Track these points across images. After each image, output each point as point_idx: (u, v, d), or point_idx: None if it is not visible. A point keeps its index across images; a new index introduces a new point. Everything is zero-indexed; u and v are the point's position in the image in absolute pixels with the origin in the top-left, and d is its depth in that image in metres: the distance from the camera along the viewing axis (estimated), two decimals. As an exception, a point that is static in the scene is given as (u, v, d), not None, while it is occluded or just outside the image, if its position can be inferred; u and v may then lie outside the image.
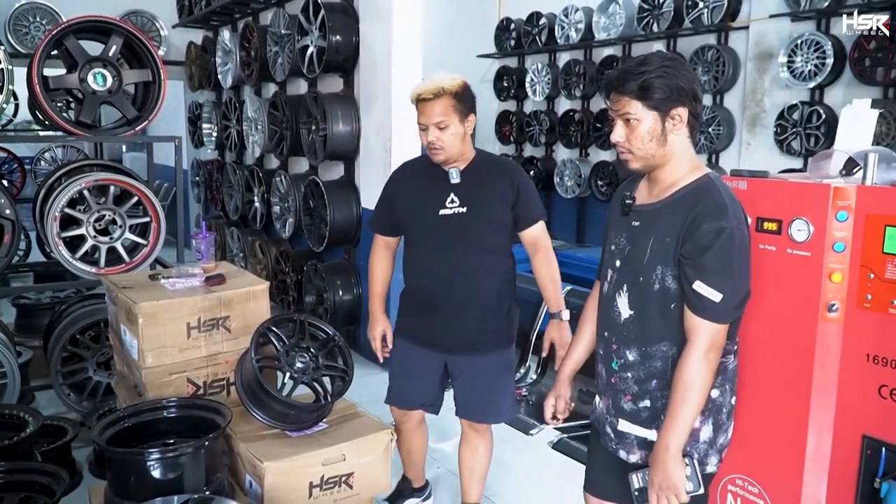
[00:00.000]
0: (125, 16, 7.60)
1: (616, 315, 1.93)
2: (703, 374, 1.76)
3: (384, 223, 2.78)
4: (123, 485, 2.28)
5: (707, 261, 1.72)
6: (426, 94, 2.46)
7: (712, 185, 1.81)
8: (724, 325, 1.76)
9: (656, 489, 1.82)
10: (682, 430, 1.79)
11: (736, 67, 6.82)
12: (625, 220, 1.92)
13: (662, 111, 1.76)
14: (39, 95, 3.48)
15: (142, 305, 2.62)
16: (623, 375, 1.93)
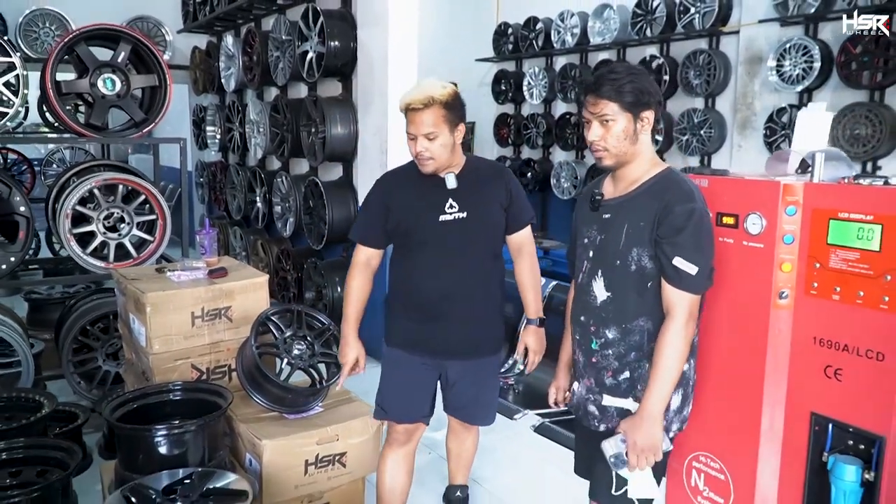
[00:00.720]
0: (132, 21, 7.80)
1: (592, 299, 2.11)
2: (684, 343, 1.97)
3: (374, 233, 2.61)
4: (132, 460, 2.46)
5: (683, 238, 1.93)
6: (415, 103, 2.39)
7: (677, 176, 2.05)
8: (699, 295, 1.99)
9: (637, 450, 1.99)
10: (665, 395, 1.99)
11: (727, 71, 6.95)
12: (595, 215, 2.12)
13: (635, 113, 1.98)
14: (53, 99, 3.67)
15: (149, 295, 2.80)
16: (604, 353, 2.11)
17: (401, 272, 2.64)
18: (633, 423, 2.01)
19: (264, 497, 2.61)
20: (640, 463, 2.00)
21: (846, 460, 2.03)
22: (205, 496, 2.24)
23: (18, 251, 3.62)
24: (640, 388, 2.07)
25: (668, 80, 7.17)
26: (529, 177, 8.80)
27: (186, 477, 2.33)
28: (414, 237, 2.55)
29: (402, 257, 2.63)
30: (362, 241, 2.64)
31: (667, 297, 2.00)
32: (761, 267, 2.16)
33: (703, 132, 7.05)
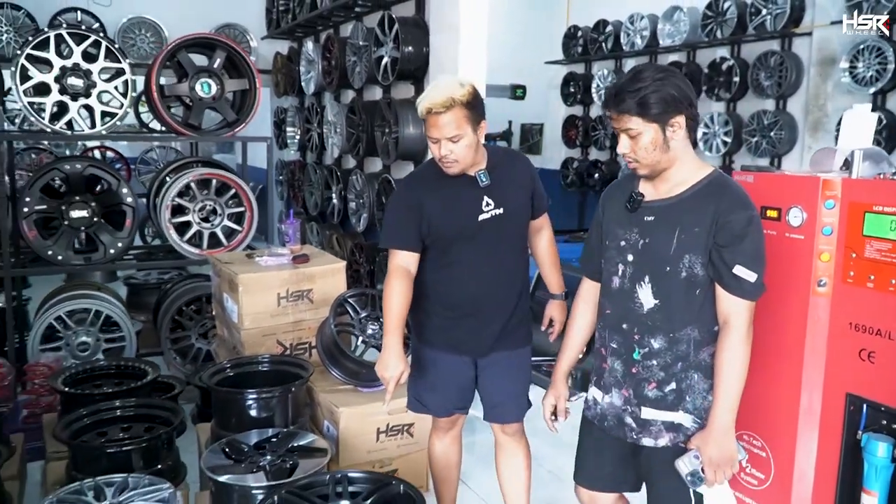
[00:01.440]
0: (220, 28, 8.29)
1: (637, 306, 2.00)
2: (746, 351, 1.92)
3: (409, 236, 2.47)
4: (226, 421, 2.79)
5: (744, 246, 1.87)
6: (437, 107, 2.28)
7: (727, 180, 1.98)
8: (755, 302, 1.93)
9: (714, 466, 1.92)
10: (734, 406, 1.94)
11: (799, 73, 6.90)
12: (634, 216, 2.01)
13: (661, 122, 1.87)
14: (157, 101, 4.07)
15: (242, 277, 3.13)
16: (647, 364, 2.00)
17: (435, 272, 2.54)
18: (706, 439, 1.95)
19: (340, 460, 2.90)
20: (718, 477, 1.94)
21: (878, 438, 2.17)
22: (290, 451, 2.53)
23: (125, 237, 4.03)
24: (690, 400, 2.00)
25: (738, 82, 7.20)
26: (597, 177, 8.92)
27: (274, 435, 2.63)
28: (451, 238, 2.48)
29: (440, 259, 2.52)
30: (400, 246, 2.47)
31: (725, 306, 1.93)
32: (802, 257, 2.31)
33: (773, 134, 7.02)
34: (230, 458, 2.49)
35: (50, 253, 3.91)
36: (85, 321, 4.06)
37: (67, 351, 3.99)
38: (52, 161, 4.49)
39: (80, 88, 3.86)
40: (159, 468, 2.59)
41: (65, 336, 4.01)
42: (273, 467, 2.40)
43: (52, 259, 3.92)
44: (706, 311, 1.96)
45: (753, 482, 2.54)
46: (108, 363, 3.38)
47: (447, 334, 2.56)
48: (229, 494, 2.33)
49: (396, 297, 2.41)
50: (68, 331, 4.02)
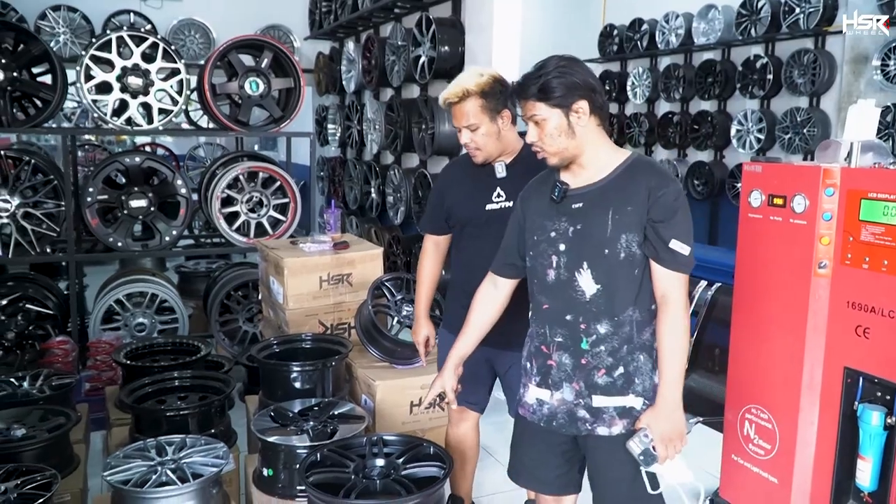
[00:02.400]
0: (264, 30, 8.62)
1: (579, 294, 1.98)
2: (686, 324, 1.93)
3: (433, 221, 2.70)
4: (273, 391, 3.04)
5: (678, 219, 1.89)
6: (451, 97, 2.41)
7: (648, 158, 2.05)
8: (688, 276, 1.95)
9: (665, 440, 1.92)
10: (679, 380, 1.94)
11: (832, 70, 6.94)
12: (560, 206, 2.00)
13: (565, 107, 1.90)
14: (209, 99, 4.36)
15: (287, 261, 3.39)
16: (595, 351, 1.98)
17: (456, 259, 2.69)
18: (655, 415, 1.94)
19: (376, 429, 3.13)
20: (670, 452, 1.94)
21: (872, 408, 2.34)
22: (330, 418, 2.77)
23: (179, 226, 4.33)
24: (639, 382, 1.99)
25: (771, 80, 7.27)
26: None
27: (316, 404, 2.87)
28: (464, 225, 2.59)
29: (457, 244, 2.67)
30: (424, 228, 2.75)
31: (663, 281, 1.93)
32: (805, 241, 2.49)
33: (806, 131, 7.08)
34: (276, 422, 2.74)
35: (111, 240, 4.23)
36: (142, 304, 4.38)
37: (126, 331, 4.30)
38: (113, 154, 4.82)
39: (139, 87, 4.17)
40: (213, 432, 2.86)
41: (123, 317, 4.34)
42: (315, 431, 2.64)
43: (113, 245, 4.24)
44: (645, 291, 1.96)
45: (761, 452, 2.71)
46: (164, 340, 3.67)
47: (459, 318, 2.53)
48: (276, 452, 2.58)
49: (424, 273, 2.72)
50: (126, 312, 4.34)
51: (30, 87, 4.15)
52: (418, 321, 2.77)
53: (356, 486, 2.18)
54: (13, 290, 4.30)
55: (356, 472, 2.26)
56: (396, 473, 2.27)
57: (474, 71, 2.46)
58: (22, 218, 4.05)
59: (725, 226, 8.14)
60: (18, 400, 3.05)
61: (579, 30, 10.01)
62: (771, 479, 2.68)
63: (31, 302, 4.24)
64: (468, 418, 2.83)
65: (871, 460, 2.36)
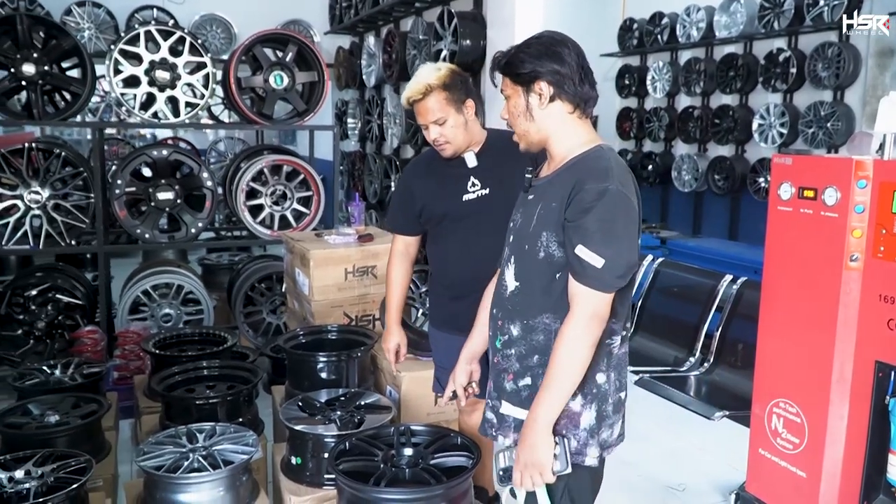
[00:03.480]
0: (285, 24, 8.66)
1: (504, 289, 1.88)
2: (582, 344, 1.67)
3: (404, 220, 2.67)
4: (300, 381, 3.07)
5: (588, 222, 1.65)
6: (415, 95, 2.40)
7: (601, 153, 1.77)
8: (607, 294, 1.68)
9: (521, 466, 1.72)
10: (555, 403, 1.70)
11: (857, 64, 6.88)
12: (523, 197, 1.90)
13: (525, 85, 1.77)
14: (234, 92, 4.39)
15: (313, 252, 3.42)
16: (506, 353, 1.86)
17: (435, 254, 2.69)
18: (521, 436, 1.74)
19: (402, 420, 3.15)
20: (524, 481, 1.73)
21: (905, 402, 2.33)
22: (357, 408, 2.79)
23: (205, 218, 4.37)
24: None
25: (794, 73, 7.21)
26: (650, 169, 8.99)
27: (343, 394, 2.89)
28: (441, 220, 2.56)
29: (434, 239, 2.66)
30: (395, 228, 2.73)
31: (570, 289, 1.71)
32: (836, 233, 2.47)
33: (829, 125, 7.02)
34: (304, 412, 2.77)
35: (138, 231, 4.27)
36: (168, 295, 4.43)
37: (152, 321, 4.35)
38: (140, 147, 4.88)
39: (167, 81, 4.21)
40: (240, 421, 2.89)
41: (150, 308, 4.39)
42: (343, 420, 2.66)
43: (140, 237, 4.28)
44: (565, 300, 1.73)
45: (789, 447, 2.71)
46: (191, 331, 3.71)
47: (448, 313, 2.64)
48: (304, 441, 2.60)
49: (393, 280, 2.71)
50: (153, 303, 4.39)
51: (60, 81, 4.20)
52: (389, 329, 2.74)
53: (385, 475, 2.19)
54: (43, 280, 4.36)
55: (385, 461, 2.28)
56: (425, 462, 2.28)
57: (431, 66, 2.45)
58: (52, 209, 4.10)
59: (746, 221, 8.09)
60: (51, 388, 3.10)
61: (599, 23, 9.97)
62: (799, 474, 2.67)
63: (61, 292, 4.30)
64: (479, 407, 2.81)
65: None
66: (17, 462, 2.37)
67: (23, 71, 4.02)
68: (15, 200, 4.06)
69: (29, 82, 4.06)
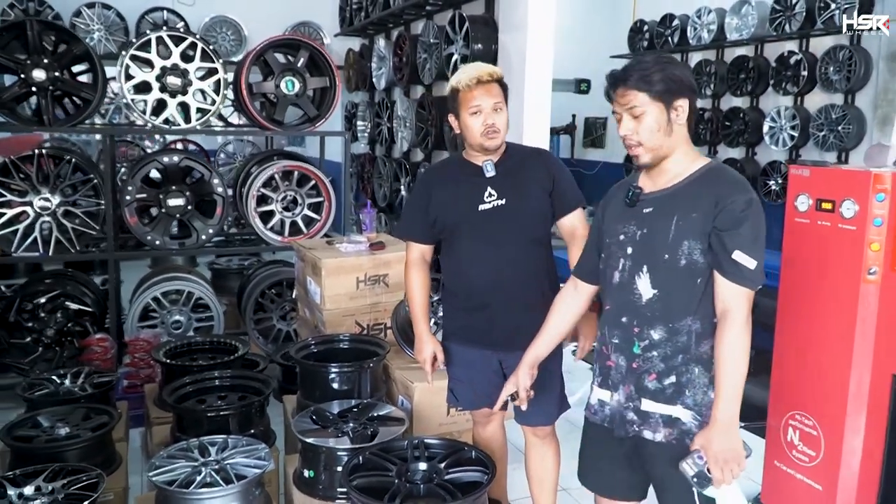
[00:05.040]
0: (295, 26, 8.65)
1: (636, 298, 1.96)
2: (747, 341, 1.83)
3: (419, 228, 2.65)
4: (311, 392, 3.06)
5: (743, 230, 1.80)
6: (484, 76, 2.42)
7: (725, 167, 1.96)
8: (755, 291, 1.85)
9: (721, 463, 1.82)
10: (736, 399, 1.84)
11: (868, 67, 6.85)
12: (632, 211, 1.99)
13: (666, 102, 1.85)
14: (246, 98, 4.39)
15: (325, 261, 3.41)
16: (647, 356, 1.95)
17: (449, 264, 2.66)
18: (709, 435, 1.84)
19: (413, 431, 3.13)
20: (726, 476, 1.83)
21: (924, 418, 2.30)
22: (370, 420, 2.78)
23: (216, 224, 4.37)
24: (690, 395, 1.93)
25: (805, 76, 7.18)
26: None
27: (355, 406, 2.88)
28: (456, 229, 2.55)
29: (449, 249, 2.63)
30: (409, 236, 2.68)
31: (723, 294, 1.85)
32: (854, 247, 2.45)
33: (840, 128, 6.99)
34: (317, 424, 2.76)
35: (149, 238, 4.27)
36: (178, 301, 4.42)
37: (163, 328, 4.35)
38: (151, 153, 4.88)
39: (178, 87, 4.21)
40: (252, 432, 2.88)
41: (160, 315, 4.38)
42: (356, 433, 2.65)
43: (151, 243, 4.28)
44: (707, 302, 1.89)
45: (805, 459, 2.68)
46: (202, 339, 3.71)
47: (462, 324, 2.65)
48: (317, 454, 2.59)
49: (415, 289, 2.66)
50: (163, 310, 4.38)
51: (71, 87, 4.20)
52: (420, 338, 2.68)
53: (400, 491, 2.18)
54: (52, 287, 4.35)
55: (399, 476, 2.27)
56: (439, 478, 2.27)
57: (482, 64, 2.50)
58: (62, 216, 4.10)
59: (758, 224, 8.06)
60: (61, 398, 3.09)
61: (610, 25, 9.95)
62: (815, 487, 2.65)
63: (70, 299, 4.30)
64: (494, 419, 2.83)
65: (920, 471, 2.32)
66: (26, 477, 2.37)
67: (33, 77, 4.01)
68: (25, 207, 4.05)
69: (39, 88, 4.05)
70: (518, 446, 3.23)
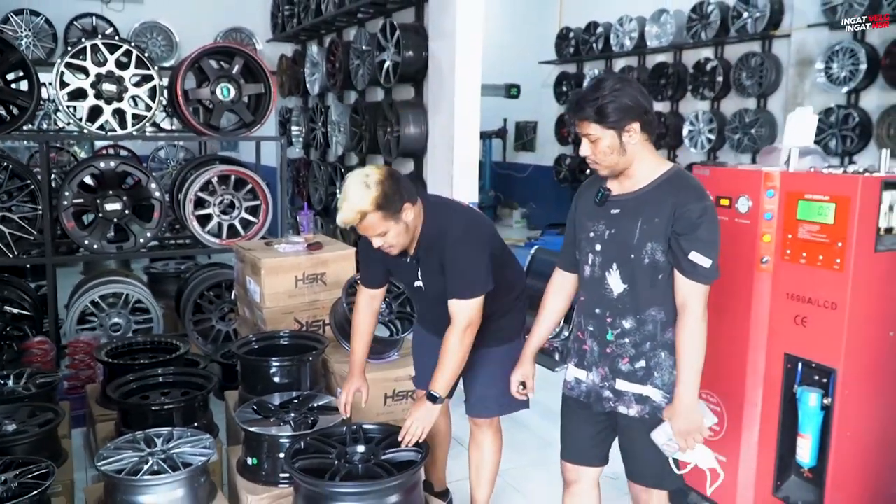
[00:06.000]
0: (227, 32, 8.68)
1: (608, 292, 2.20)
2: (703, 331, 2.10)
3: (369, 275, 2.78)
4: (253, 386, 3.18)
5: (700, 234, 2.04)
6: (351, 222, 2.38)
7: (684, 173, 2.16)
8: (709, 285, 2.10)
9: (683, 435, 2.12)
10: (696, 380, 2.12)
11: (778, 73, 7.25)
12: (601, 210, 2.19)
13: (618, 128, 2.04)
14: (181, 104, 4.46)
15: (264, 261, 3.53)
16: (620, 342, 2.20)
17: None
18: (674, 413, 2.13)
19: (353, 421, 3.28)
20: (690, 444, 2.14)
21: (810, 390, 2.58)
22: (310, 410, 2.92)
23: (154, 228, 4.43)
24: (658, 376, 2.18)
25: (721, 82, 7.59)
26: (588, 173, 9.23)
27: (296, 397, 3.02)
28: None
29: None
30: (364, 283, 2.80)
31: (682, 290, 2.09)
32: (748, 238, 2.72)
33: (754, 131, 7.39)
34: (259, 414, 2.88)
35: (87, 242, 4.30)
36: (116, 304, 4.46)
37: (101, 331, 4.38)
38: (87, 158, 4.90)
39: (114, 93, 4.26)
40: (196, 425, 2.98)
41: (99, 318, 4.41)
42: (297, 422, 2.79)
43: (89, 248, 4.31)
44: (669, 295, 2.13)
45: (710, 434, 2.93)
46: (143, 339, 3.78)
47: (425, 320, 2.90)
48: (260, 442, 2.72)
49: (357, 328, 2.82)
50: (102, 313, 4.42)
51: (7, 95, 4.20)
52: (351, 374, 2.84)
53: (339, 471, 2.34)
54: (-12, 292, 4.36)
55: (339, 458, 2.43)
56: (377, 458, 2.44)
57: (359, 182, 2.36)
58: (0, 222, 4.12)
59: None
60: (5, 398, 3.14)
61: (537, 32, 10.27)
62: (720, 458, 2.90)
63: (8, 303, 4.30)
64: None
65: (810, 438, 2.59)
66: (-22, 471, 2.44)
67: (-33, 84, 4.03)
68: (-41, 213, 4.06)
69: (-27, 95, 4.07)
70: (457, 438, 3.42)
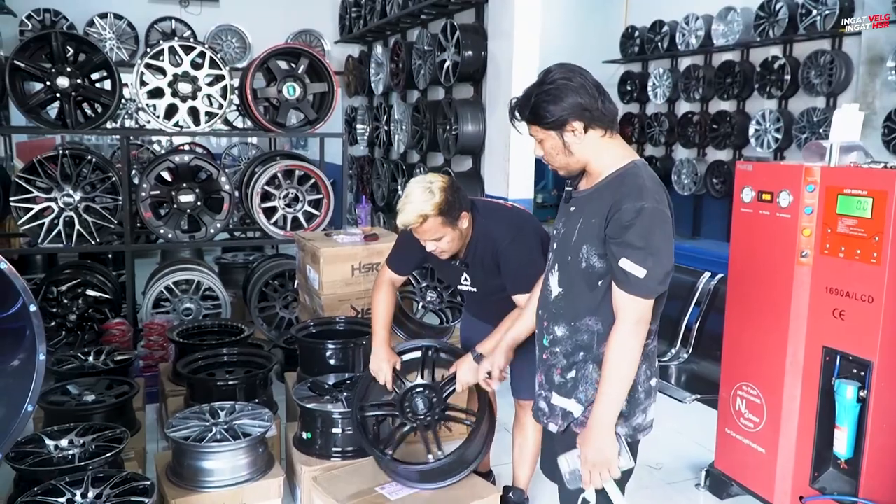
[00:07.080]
0: (297, 34, 8.99)
1: (548, 293, 2.04)
2: (631, 347, 1.83)
3: (401, 264, 2.85)
4: (310, 367, 3.38)
5: (629, 238, 1.79)
6: (410, 225, 2.42)
7: (636, 170, 1.89)
8: (649, 300, 1.84)
9: (589, 465, 1.85)
10: (614, 404, 1.85)
11: (848, 71, 7.10)
12: (565, 207, 2.04)
13: (558, 129, 1.88)
14: (251, 102, 4.72)
15: (323, 251, 3.73)
16: (553, 350, 2.01)
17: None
18: (583, 437, 1.89)
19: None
20: (594, 480, 1.87)
21: (847, 383, 2.61)
22: (362, 390, 3.10)
23: (223, 219, 4.70)
24: (582, 390, 1.96)
25: (789, 80, 7.46)
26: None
27: (347, 379, 3.20)
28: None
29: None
30: (394, 270, 2.86)
31: (615, 299, 1.86)
32: (789, 232, 2.76)
33: (822, 130, 7.24)
34: (314, 392, 3.08)
35: (162, 231, 4.61)
36: (188, 290, 4.75)
37: (174, 315, 4.68)
38: (164, 153, 5.21)
39: (188, 92, 4.54)
40: (257, 402, 3.20)
41: (172, 302, 4.71)
42: (349, 400, 2.97)
43: (164, 236, 4.61)
44: (609, 305, 1.89)
45: (750, 425, 2.99)
46: (211, 323, 4.04)
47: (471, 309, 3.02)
48: (314, 418, 2.92)
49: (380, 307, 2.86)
50: (175, 298, 4.71)
51: (92, 93, 4.53)
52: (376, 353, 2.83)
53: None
54: (73, 276, 4.70)
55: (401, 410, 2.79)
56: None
57: (423, 188, 2.42)
58: (83, 211, 4.44)
59: (743, 223, 8.34)
60: (86, 372, 3.42)
61: (601, 31, 10.26)
62: (759, 450, 2.96)
63: (90, 287, 4.64)
64: None
65: (846, 430, 2.63)
66: (61, 433, 2.70)
67: (58, 84, 4.36)
68: (50, 203, 4.39)
69: (63, 94, 4.39)
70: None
